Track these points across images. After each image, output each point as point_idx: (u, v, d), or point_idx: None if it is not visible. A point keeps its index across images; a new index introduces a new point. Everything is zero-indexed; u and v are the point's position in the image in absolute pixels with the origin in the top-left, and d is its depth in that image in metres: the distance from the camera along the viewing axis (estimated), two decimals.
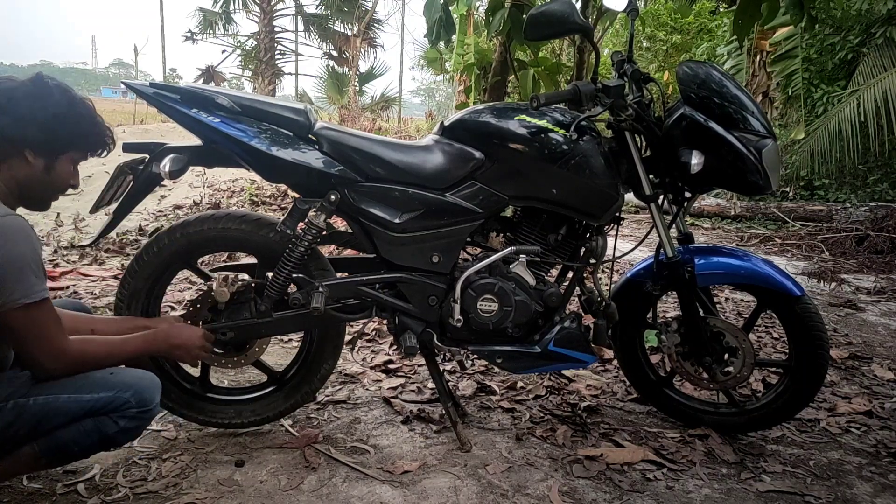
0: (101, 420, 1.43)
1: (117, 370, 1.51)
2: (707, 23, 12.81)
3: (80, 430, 1.42)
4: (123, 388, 1.45)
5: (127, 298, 1.88)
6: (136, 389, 1.46)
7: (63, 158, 1.47)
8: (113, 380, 1.46)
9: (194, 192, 6.19)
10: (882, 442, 2.15)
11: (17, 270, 1.31)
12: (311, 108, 1.93)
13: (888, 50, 7.36)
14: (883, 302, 4.13)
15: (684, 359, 2.07)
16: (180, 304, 3.15)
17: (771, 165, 1.84)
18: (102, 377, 1.46)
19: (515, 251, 1.89)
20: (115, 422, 1.44)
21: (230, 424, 2.01)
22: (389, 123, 14.81)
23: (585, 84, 1.83)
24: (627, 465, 1.91)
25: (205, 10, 15.37)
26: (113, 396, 1.43)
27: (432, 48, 8.64)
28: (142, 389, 1.47)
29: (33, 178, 1.44)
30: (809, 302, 1.97)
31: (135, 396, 1.45)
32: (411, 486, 1.77)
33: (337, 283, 1.90)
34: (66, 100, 1.45)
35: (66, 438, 1.42)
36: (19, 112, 1.39)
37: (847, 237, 6.00)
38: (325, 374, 2.05)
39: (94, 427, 1.43)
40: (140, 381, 1.49)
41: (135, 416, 1.46)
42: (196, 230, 1.86)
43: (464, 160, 1.88)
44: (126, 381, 1.47)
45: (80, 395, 1.41)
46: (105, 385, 1.44)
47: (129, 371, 1.53)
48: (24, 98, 1.40)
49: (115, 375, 1.48)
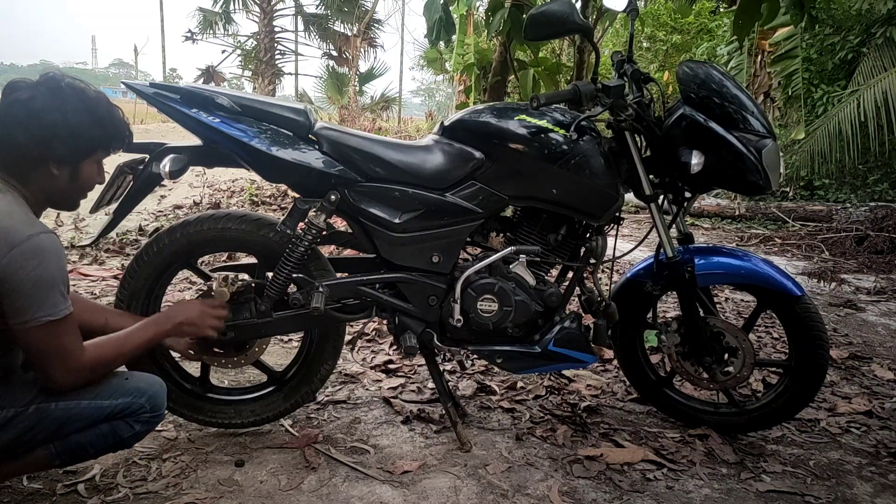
0: (118, 424, 1.49)
1: (131, 375, 1.56)
2: (707, 23, 12.80)
3: (97, 434, 1.48)
4: (139, 394, 1.51)
5: (127, 298, 1.88)
6: (150, 395, 1.53)
7: (87, 162, 1.46)
8: (128, 385, 1.52)
9: (194, 192, 6.19)
10: (882, 442, 2.15)
11: (46, 290, 1.32)
12: (311, 108, 1.93)
13: (888, 50, 7.36)
14: (883, 302, 4.13)
15: (684, 359, 2.07)
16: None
17: (771, 165, 1.84)
18: (119, 383, 1.52)
19: (515, 251, 1.89)
20: (130, 426, 1.51)
21: (229, 424, 2.01)
22: (389, 123, 14.80)
23: (585, 84, 1.83)
24: (627, 465, 1.91)
25: (205, 10, 15.37)
26: (130, 402, 1.49)
27: (432, 48, 8.63)
28: (154, 395, 1.54)
29: (60, 188, 1.45)
30: (809, 302, 1.97)
31: (149, 402, 1.52)
32: (411, 486, 1.77)
33: (337, 283, 1.90)
34: (83, 104, 1.42)
35: (84, 441, 1.47)
36: (41, 129, 1.36)
37: (847, 237, 6.00)
38: (325, 375, 2.05)
39: (110, 431, 1.49)
40: (152, 387, 1.55)
41: (148, 421, 1.53)
42: (196, 230, 1.86)
43: (464, 160, 1.88)
44: (140, 386, 1.53)
45: (100, 402, 1.47)
46: (122, 391, 1.50)
47: (141, 376, 1.58)
48: (43, 111, 1.36)
49: (130, 381, 1.53)
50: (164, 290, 1.98)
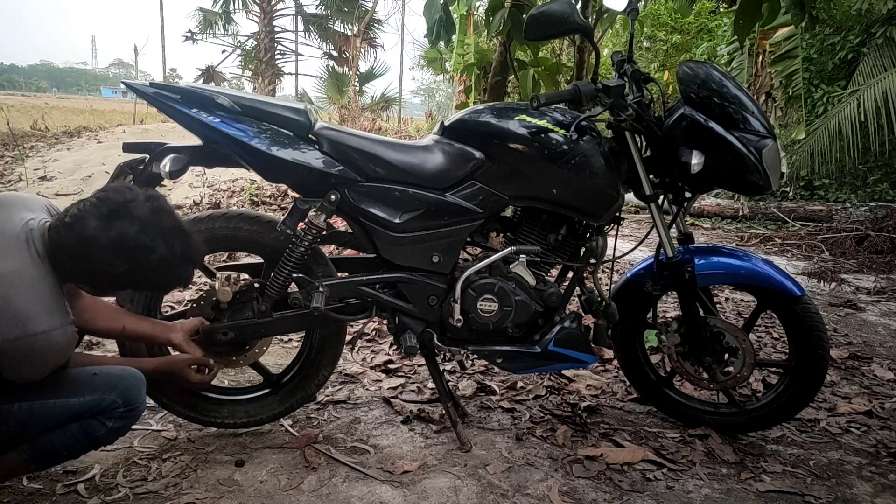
0: (89, 423, 1.41)
1: (101, 370, 1.48)
2: (707, 23, 12.79)
3: (67, 435, 1.40)
4: (108, 389, 1.43)
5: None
6: (121, 389, 1.44)
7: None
8: (97, 381, 1.44)
9: (194, 192, 6.19)
10: (882, 442, 2.15)
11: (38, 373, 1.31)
12: (312, 107, 1.93)
13: (888, 50, 7.35)
14: (883, 302, 4.13)
15: (684, 359, 2.07)
16: (180, 303, 3.14)
17: (771, 165, 1.84)
18: (86, 379, 1.43)
19: (515, 251, 1.89)
20: (103, 423, 1.42)
21: (222, 424, 2.00)
22: (389, 123, 14.80)
23: (585, 84, 1.83)
24: (627, 465, 1.91)
25: (205, 10, 15.35)
26: (99, 398, 1.41)
27: (432, 48, 8.62)
28: (126, 388, 1.45)
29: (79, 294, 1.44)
30: (809, 302, 1.97)
31: (121, 396, 1.43)
32: (411, 486, 1.77)
33: (337, 283, 1.90)
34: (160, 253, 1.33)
35: (54, 443, 1.40)
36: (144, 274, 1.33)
37: (847, 237, 6.00)
38: (322, 381, 2.05)
39: (81, 431, 1.41)
40: (123, 380, 1.46)
41: (122, 416, 1.44)
42: (207, 227, 1.86)
43: (464, 160, 1.88)
44: (110, 380, 1.44)
45: (66, 400, 1.38)
46: (89, 387, 1.42)
47: (112, 370, 1.50)
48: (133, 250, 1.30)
49: (98, 377, 1.45)
50: None
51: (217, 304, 1.87)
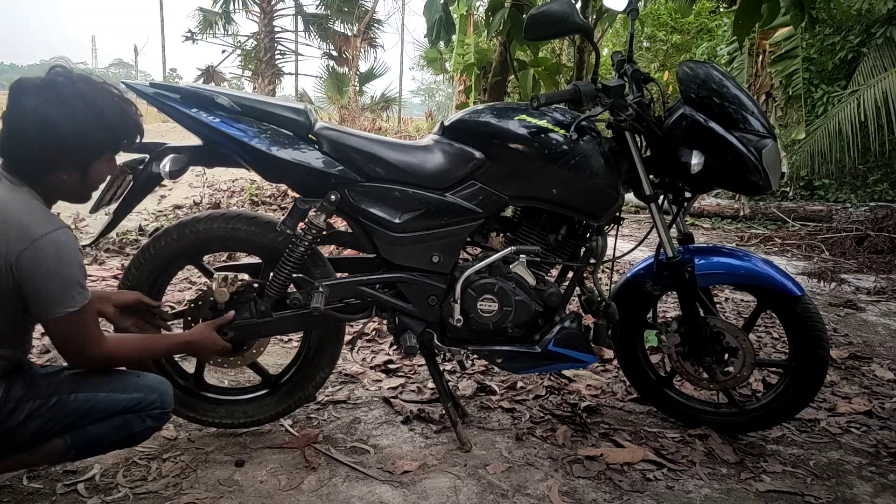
0: (130, 417, 1.54)
1: (143, 374, 1.62)
2: (707, 23, 12.79)
3: (111, 426, 1.52)
4: (150, 391, 1.57)
5: (129, 289, 1.88)
6: (160, 392, 1.59)
7: (96, 164, 1.48)
8: (141, 382, 1.58)
9: (194, 192, 6.18)
10: (882, 442, 2.15)
11: (67, 284, 1.38)
12: (312, 107, 1.93)
13: (888, 50, 7.35)
14: (883, 302, 4.13)
15: (684, 359, 2.07)
16: (180, 303, 3.14)
17: (771, 165, 1.84)
18: (133, 379, 1.58)
19: (515, 251, 1.89)
20: (142, 420, 1.56)
21: (220, 424, 2.00)
22: (389, 123, 14.80)
23: (585, 84, 1.83)
24: (627, 465, 1.91)
25: (205, 10, 15.35)
26: (143, 397, 1.55)
27: (432, 48, 8.63)
28: (164, 392, 1.60)
29: (71, 188, 1.48)
30: (809, 302, 1.97)
31: (160, 398, 1.58)
32: (411, 486, 1.77)
33: (337, 283, 1.90)
34: (91, 108, 1.41)
35: (98, 433, 1.52)
36: (50, 138, 1.37)
37: (847, 237, 6.00)
38: (320, 382, 2.05)
39: (123, 424, 1.54)
40: (162, 385, 1.61)
41: (158, 417, 1.59)
42: (206, 227, 1.86)
43: (464, 160, 1.88)
44: (151, 384, 1.59)
45: (117, 395, 1.52)
46: (135, 386, 1.56)
47: (152, 376, 1.64)
48: (52, 120, 1.36)
49: (142, 379, 1.59)
50: (166, 284, 1.98)
51: (214, 305, 1.87)
